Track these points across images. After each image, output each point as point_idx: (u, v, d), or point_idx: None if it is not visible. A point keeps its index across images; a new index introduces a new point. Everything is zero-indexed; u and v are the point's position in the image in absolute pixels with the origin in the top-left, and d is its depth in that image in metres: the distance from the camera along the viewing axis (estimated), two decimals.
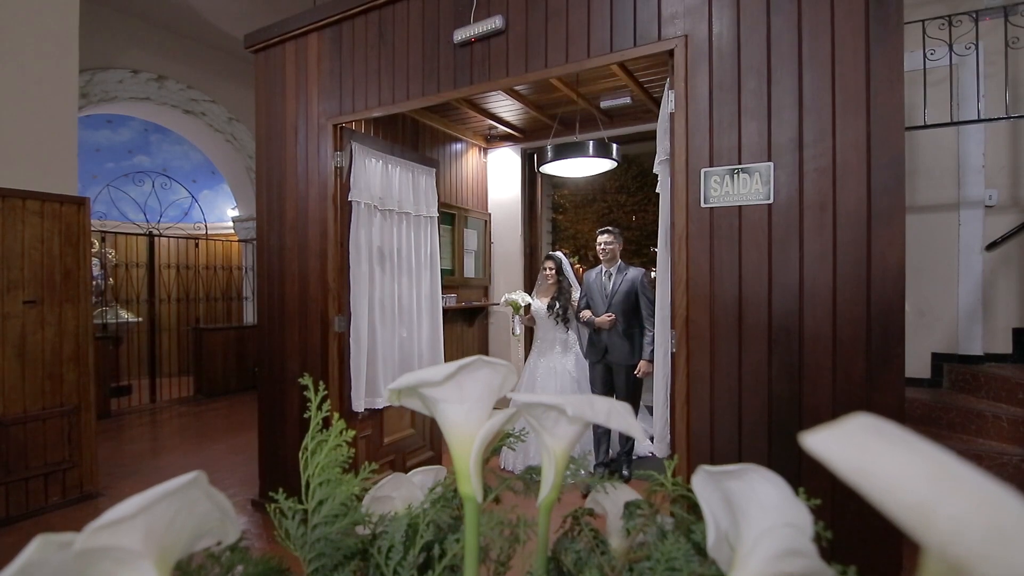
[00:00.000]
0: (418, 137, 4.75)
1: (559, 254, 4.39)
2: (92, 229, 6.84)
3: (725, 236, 2.16)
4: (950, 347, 3.98)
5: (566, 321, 4.30)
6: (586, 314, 3.91)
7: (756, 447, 2.11)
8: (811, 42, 2.00)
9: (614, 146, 3.93)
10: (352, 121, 3.25)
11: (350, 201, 3.26)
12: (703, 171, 2.19)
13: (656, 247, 2.48)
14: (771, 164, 2.06)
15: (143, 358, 7.09)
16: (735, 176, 2.13)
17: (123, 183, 7.55)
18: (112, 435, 5.42)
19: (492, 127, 5.35)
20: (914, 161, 3.92)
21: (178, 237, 7.30)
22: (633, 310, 3.81)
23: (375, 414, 3.47)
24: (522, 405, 0.47)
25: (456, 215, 5.31)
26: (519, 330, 4.45)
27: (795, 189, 2.03)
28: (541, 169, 4.32)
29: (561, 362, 4.25)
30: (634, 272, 3.86)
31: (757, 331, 2.12)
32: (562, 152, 3.93)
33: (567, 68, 2.49)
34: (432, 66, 2.87)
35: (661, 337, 2.50)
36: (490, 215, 5.83)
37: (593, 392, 3.86)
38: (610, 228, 3.98)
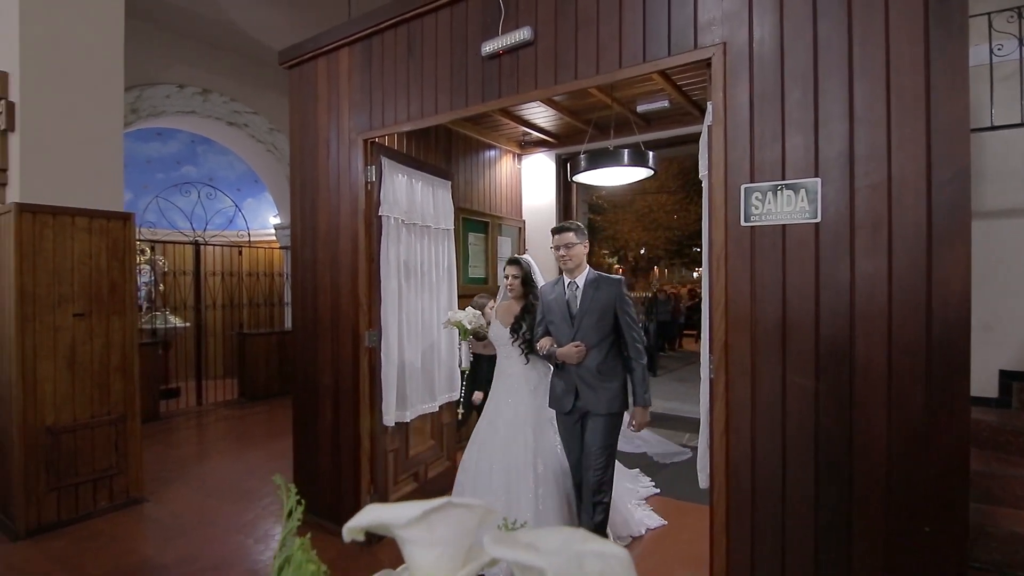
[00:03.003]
0: (451, 146, 4.73)
1: (526, 257, 3.30)
2: (143, 238, 7.13)
3: (768, 256, 2.02)
4: (1021, 364, 3.66)
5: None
6: (545, 343, 2.84)
7: (801, 483, 1.97)
8: (863, 47, 1.84)
9: (650, 154, 3.79)
10: (382, 136, 3.24)
11: (380, 216, 3.25)
12: (743, 187, 2.06)
13: (699, 247, 2.33)
14: (818, 180, 1.91)
15: (191, 362, 7.34)
16: (778, 193, 1.99)
17: (171, 193, 7.84)
18: (160, 438, 5.62)
19: (526, 133, 5.29)
20: (980, 164, 3.63)
21: (222, 245, 7.53)
22: (610, 336, 2.77)
23: (401, 428, 3.46)
24: (499, 557, 0.40)
25: (489, 223, 5.27)
26: (466, 361, 3.34)
27: (845, 207, 1.87)
28: (575, 179, 4.21)
29: (534, 407, 3.07)
30: (609, 283, 2.79)
31: (803, 358, 1.97)
32: (596, 161, 3.82)
33: (597, 79, 2.39)
34: (460, 79, 2.82)
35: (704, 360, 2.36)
36: (524, 222, 5.77)
37: (570, 455, 2.91)
38: (569, 224, 2.85)
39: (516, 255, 3.42)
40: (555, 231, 2.85)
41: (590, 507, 2.77)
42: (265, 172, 7.65)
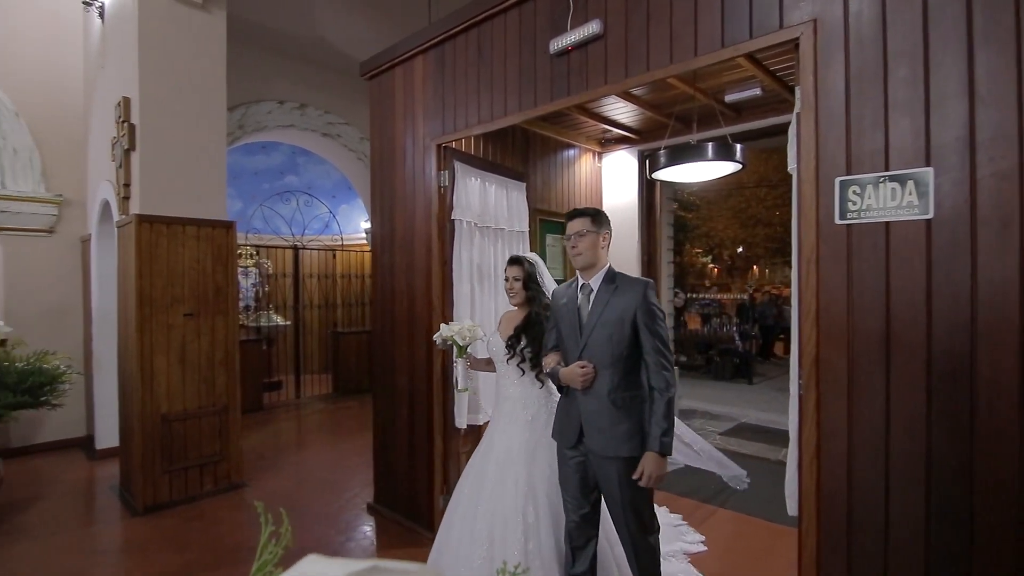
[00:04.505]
0: (528, 147, 4.68)
1: (532, 255, 2.69)
2: (250, 243, 7.72)
3: (867, 259, 1.78)
4: None
5: (540, 369, 2.49)
6: (551, 359, 2.29)
7: (909, 520, 1.71)
8: (985, 10, 1.56)
9: (737, 147, 3.52)
10: (454, 140, 3.26)
11: (452, 220, 3.28)
12: (838, 180, 1.83)
13: None
14: (930, 170, 1.65)
15: (291, 357, 7.90)
16: (880, 186, 1.74)
17: (274, 201, 8.49)
18: (263, 427, 6.08)
19: (606, 131, 5.13)
20: None
21: (319, 249, 8.02)
22: (630, 357, 2.12)
23: (474, 430, 3.46)
24: None
25: None
26: (463, 382, 2.74)
27: (965, 200, 1.60)
28: (653, 176, 4.00)
29: (530, 440, 2.47)
30: (631, 286, 2.13)
31: (911, 375, 1.71)
32: (677, 157, 3.60)
33: (671, 69, 2.24)
34: (529, 79, 2.76)
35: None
36: None
37: (567, 504, 2.28)
38: (586, 209, 2.22)
39: (519, 253, 2.90)
40: (569, 216, 2.24)
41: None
42: (357, 179, 8.04)
